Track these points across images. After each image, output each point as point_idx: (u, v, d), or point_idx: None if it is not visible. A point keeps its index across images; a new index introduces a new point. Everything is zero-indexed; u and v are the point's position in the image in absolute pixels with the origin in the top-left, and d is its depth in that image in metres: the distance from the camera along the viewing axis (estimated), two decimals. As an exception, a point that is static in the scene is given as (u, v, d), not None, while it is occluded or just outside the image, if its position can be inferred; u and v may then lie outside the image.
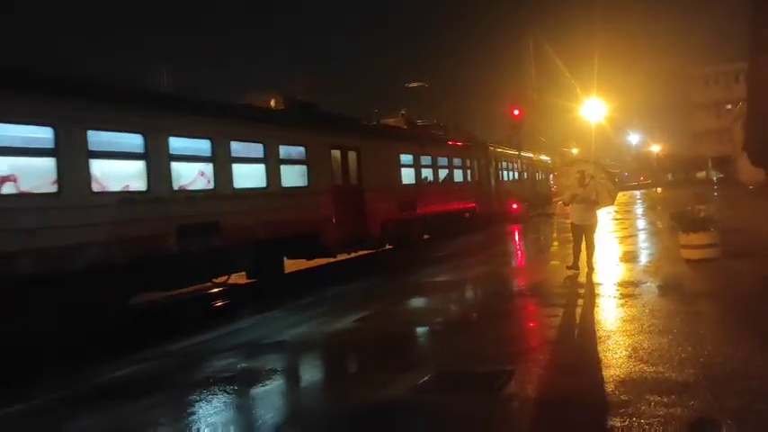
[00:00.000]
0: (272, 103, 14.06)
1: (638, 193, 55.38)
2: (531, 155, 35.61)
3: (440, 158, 20.66)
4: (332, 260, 15.38)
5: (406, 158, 18.30)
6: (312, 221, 13.28)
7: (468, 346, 6.90)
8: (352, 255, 16.01)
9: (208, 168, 10.91)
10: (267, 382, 6.16)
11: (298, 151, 13.46)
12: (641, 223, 22.04)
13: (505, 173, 29.14)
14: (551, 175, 40.66)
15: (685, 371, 5.24)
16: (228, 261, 11.38)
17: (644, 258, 12.70)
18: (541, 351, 6.50)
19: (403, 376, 5.86)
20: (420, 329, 8.17)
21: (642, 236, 17.43)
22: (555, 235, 20.79)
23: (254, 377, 6.33)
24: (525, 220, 27.79)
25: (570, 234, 11.83)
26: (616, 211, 28.88)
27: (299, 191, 13.14)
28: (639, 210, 30.67)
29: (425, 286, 11.57)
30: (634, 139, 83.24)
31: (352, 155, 15.28)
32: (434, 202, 19.50)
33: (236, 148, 11.53)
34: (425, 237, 20.11)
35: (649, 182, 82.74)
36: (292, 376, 6.61)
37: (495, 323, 7.96)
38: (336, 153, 14.68)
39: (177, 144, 10.20)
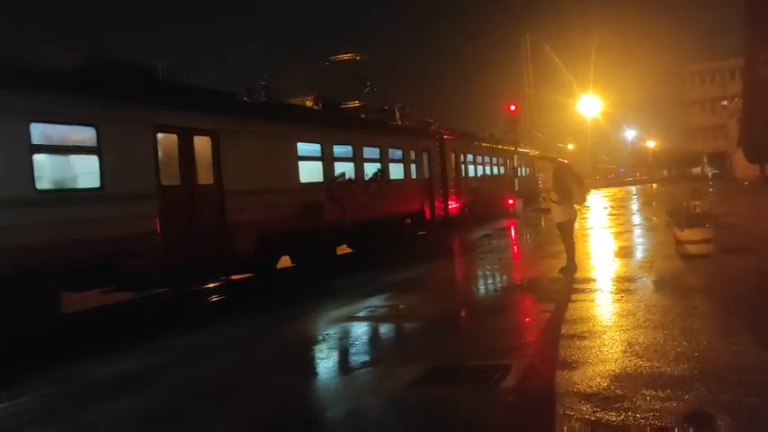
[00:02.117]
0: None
1: (633, 188, 55.54)
2: (511, 148, 32.46)
3: (366, 149, 15.99)
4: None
5: (307, 149, 13.63)
6: (104, 243, 8.67)
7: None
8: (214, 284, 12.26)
9: None
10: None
11: (72, 133, 8.95)
12: (637, 219, 22.11)
13: (472, 168, 25.08)
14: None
15: (680, 365, 5.28)
16: None
17: (639, 254, 12.77)
18: (537, 346, 6.55)
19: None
20: None
21: (637, 231, 17.51)
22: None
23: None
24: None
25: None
26: (612, 207, 28.98)
27: (70, 197, 8.70)
28: (635, 205, 30.76)
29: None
30: (630, 134, 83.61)
31: (201, 142, 10.62)
32: (356, 206, 14.92)
33: None
34: (348, 250, 16.07)
35: (645, 178, 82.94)
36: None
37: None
38: (168, 139, 10.12)
39: None
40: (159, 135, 9.90)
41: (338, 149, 14.84)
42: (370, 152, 16.39)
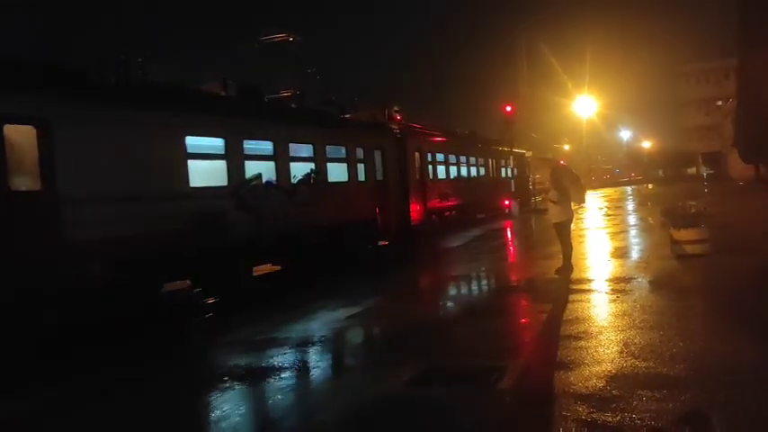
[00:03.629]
0: None
1: (629, 189, 55.68)
2: (497, 146, 30.30)
3: (295, 146, 13.29)
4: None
5: (203, 144, 10.94)
6: None
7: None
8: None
9: None
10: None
11: None
12: (632, 219, 22.15)
13: (443, 169, 22.38)
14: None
15: (676, 365, 5.29)
16: None
17: (635, 254, 12.79)
18: (533, 347, 6.55)
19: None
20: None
21: (633, 231, 17.53)
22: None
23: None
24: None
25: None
26: (607, 208, 29.03)
27: None
28: (630, 206, 30.83)
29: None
30: (625, 135, 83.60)
31: (20, 134, 7.97)
32: (279, 215, 12.33)
33: None
34: (271, 268, 13.49)
35: (640, 178, 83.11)
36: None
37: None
38: None
39: None
40: None
41: (252, 145, 12.07)
42: (301, 150, 13.61)
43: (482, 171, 27.13)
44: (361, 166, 15.96)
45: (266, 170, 12.31)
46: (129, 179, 9.21)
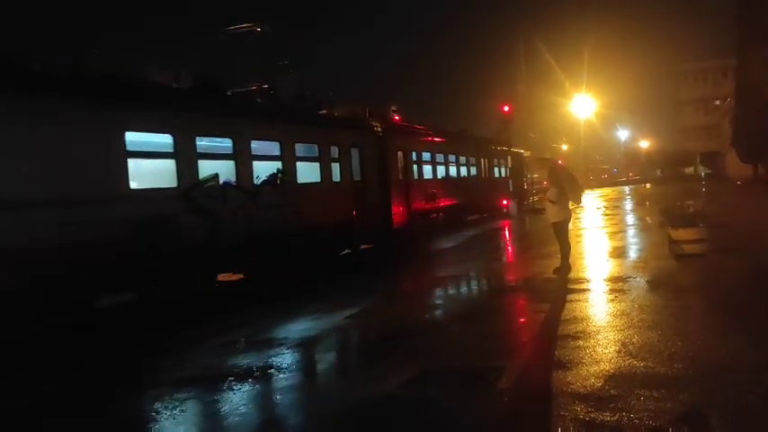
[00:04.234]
0: None
1: (627, 188, 55.72)
2: (491, 145, 29.15)
3: (258, 144, 12.32)
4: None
5: (146, 141, 10.05)
6: None
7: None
8: None
9: None
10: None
11: None
12: (630, 219, 22.17)
13: (430, 168, 21.34)
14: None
15: (674, 365, 5.29)
16: None
17: (633, 254, 12.79)
18: (531, 347, 6.55)
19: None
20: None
21: (631, 231, 17.55)
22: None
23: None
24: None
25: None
26: (605, 207, 29.05)
27: None
28: (628, 205, 30.85)
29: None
30: (623, 134, 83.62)
31: None
32: (240, 219, 11.35)
33: None
34: (234, 275, 12.47)
35: (638, 178, 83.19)
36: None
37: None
38: None
39: None
40: None
41: (207, 143, 11.17)
42: (265, 147, 12.64)
43: (473, 171, 25.95)
44: (335, 166, 14.92)
45: (225, 170, 11.33)
46: (52, 181, 8.23)
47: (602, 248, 13.85)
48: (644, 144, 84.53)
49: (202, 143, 10.92)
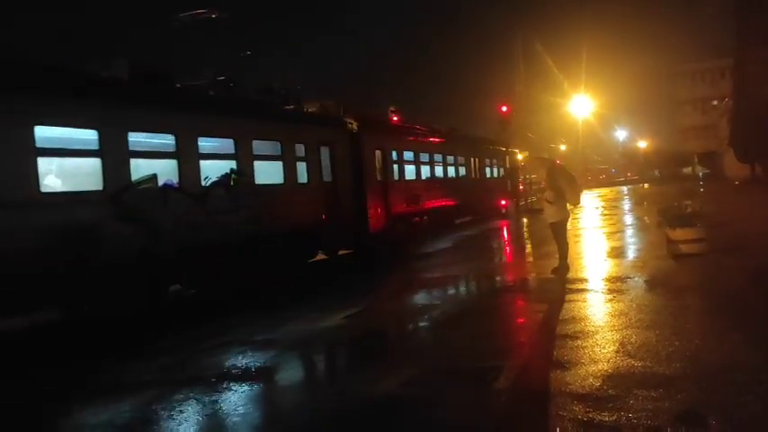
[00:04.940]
0: None
1: (625, 188, 55.78)
2: (485, 145, 28.09)
3: (206, 141, 11.27)
4: None
5: (63, 137, 8.88)
6: None
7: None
8: None
9: None
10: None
11: None
12: (628, 219, 22.19)
13: (412, 169, 20.11)
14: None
15: (672, 365, 5.29)
16: None
17: (631, 254, 12.80)
18: (529, 347, 6.55)
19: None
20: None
21: (629, 231, 17.57)
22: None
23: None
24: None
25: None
26: (604, 207, 29.08)
27: None
28: (626, 205, 30.88)
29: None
30: (621, 135, 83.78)
31: None
32: (183, 225, 10.24)
33: None
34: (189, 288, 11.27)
35: (636, 178, 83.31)
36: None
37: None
38: None
39: None
40: None
41: (142, 139, 10.00)
42: (217, 145, 11.65)
43: (462, 171, 24.66)
44: (302, 166, 13.78)
45: (165, 170, 10.20)
46: None
47: (601, 248, 13.85)
48: (642, 144, 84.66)
49: (137, 139, 9.74)
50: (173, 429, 5.07)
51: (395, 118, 21.76)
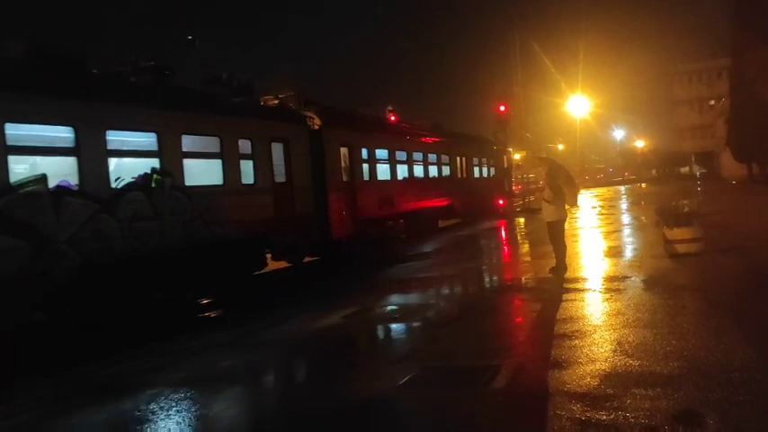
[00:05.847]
0: None
1: (622, 188, 55.82)
2: (476, 145, 26.80)
3: (117, 135, 9.64)
4: None
5: None
6: None
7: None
8: None
9: None
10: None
11: None
12: (626, 218, 22.19)
13: (386, 168, 18.35)
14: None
15: (670, 364, 5.29)
16: None
17: (629, 253, 12.81)
18: (527, 346, 6.55)
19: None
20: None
21: (627, 231, 17.57)
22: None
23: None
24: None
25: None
26: (601, 207, 29.09)
27: None
28: (624, 205, 30.89)
29: None
30: (619, 134, 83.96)
31: None
32: (82, 238, 8.67)
33: None
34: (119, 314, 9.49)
35: (634, 177, 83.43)
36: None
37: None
38: None
39: None
40: None
41: (26, 133, 8.38)
42: (133, 140, 10.15)
43: (446, 170, 22.96)
44: (247, 164, 12.11)
45: (61, 169, 8.65)
46: None
47: (598, 248, 13.86)
48: (639, 144, 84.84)
49: (19, 133, 8.11)
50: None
51: (393, 117, 21.56)
